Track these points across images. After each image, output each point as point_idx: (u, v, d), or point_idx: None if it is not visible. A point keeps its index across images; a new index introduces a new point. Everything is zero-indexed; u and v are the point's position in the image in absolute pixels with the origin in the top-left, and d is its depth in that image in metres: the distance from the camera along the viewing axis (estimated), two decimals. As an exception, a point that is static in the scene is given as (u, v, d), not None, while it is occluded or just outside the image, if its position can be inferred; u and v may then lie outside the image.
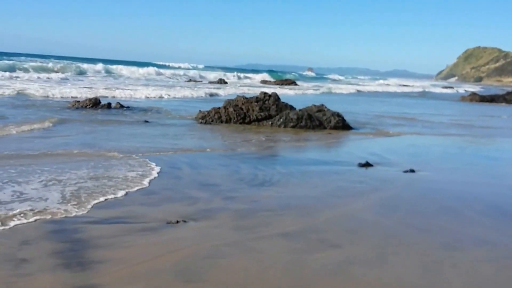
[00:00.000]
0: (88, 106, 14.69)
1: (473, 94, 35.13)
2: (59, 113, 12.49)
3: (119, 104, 15.12)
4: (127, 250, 3.87)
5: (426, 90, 51.84)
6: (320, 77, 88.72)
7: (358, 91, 39.97)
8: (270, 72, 74.02)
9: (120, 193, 5.52)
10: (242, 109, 13.31)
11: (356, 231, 4.64)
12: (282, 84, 38.45)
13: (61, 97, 17.49)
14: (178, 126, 11.63)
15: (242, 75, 54.03)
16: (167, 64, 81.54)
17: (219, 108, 13.37)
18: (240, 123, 12.98)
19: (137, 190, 5.73)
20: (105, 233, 4.23)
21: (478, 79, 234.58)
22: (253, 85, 36.85)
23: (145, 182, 6.08)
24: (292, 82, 40.49)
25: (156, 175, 6.48)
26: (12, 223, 4.32)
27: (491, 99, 33.85)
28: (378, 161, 8.27)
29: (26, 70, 32.44)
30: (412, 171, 7.54)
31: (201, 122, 12.57)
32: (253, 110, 13.29)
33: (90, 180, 5.96)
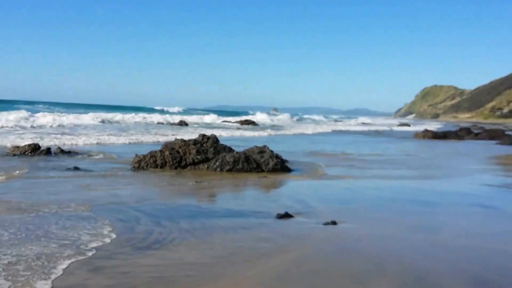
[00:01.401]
0: (27, 152, 13.36)
1: (426, 130, 34.79)
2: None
3: (60, 149, 13.82)
4: None
5: (391, 128, 51.45)
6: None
7: (334, 130, 39.32)
8: (236, 113, 73.85)
9: None
10: (178, 152, 12.20)
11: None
12: (242, 124, 37.50)
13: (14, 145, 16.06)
14: (106, 173, 10.35)
15: (213, 116, 52.70)
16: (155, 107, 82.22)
17: (156, 151, 12.23)
18: (176, 167, 11.84)
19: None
20: None
21: (435, 116, 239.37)
22: (210, 126, 35.76)
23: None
24: (251, 122, 39.61)
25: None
26: None
27: (444, 135, 33.59)
28: (302, 210, 7.22)
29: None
30: (334, 223, 6.48)
31: (133, 168, 11.36)
32: (190, 153, 12.19)
33: None
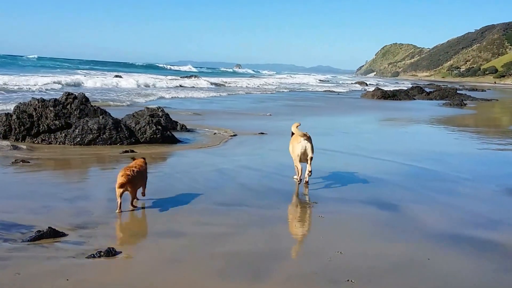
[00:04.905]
0: None
1: (376, 89, 32.19)
2: None
3: None
4: None
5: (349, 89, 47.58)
6: (244, 73, 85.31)
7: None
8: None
9: None
10: (32, 116, 9.10)
11: None
12: (183, 78, 34.15)
13: None
14: None
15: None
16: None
17: (0, 115, 9.12)
18: (24, 137, 8.79)
19: None
20: None
21: (395, 74, 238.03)
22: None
23: None
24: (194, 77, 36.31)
25: None
26: None
27: (393, 95, 31.04)
28: (94, 220, 4.42)
29: None
30: (111, 253, 3.69)
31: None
32: (46, 118, 9.12)
33: None
